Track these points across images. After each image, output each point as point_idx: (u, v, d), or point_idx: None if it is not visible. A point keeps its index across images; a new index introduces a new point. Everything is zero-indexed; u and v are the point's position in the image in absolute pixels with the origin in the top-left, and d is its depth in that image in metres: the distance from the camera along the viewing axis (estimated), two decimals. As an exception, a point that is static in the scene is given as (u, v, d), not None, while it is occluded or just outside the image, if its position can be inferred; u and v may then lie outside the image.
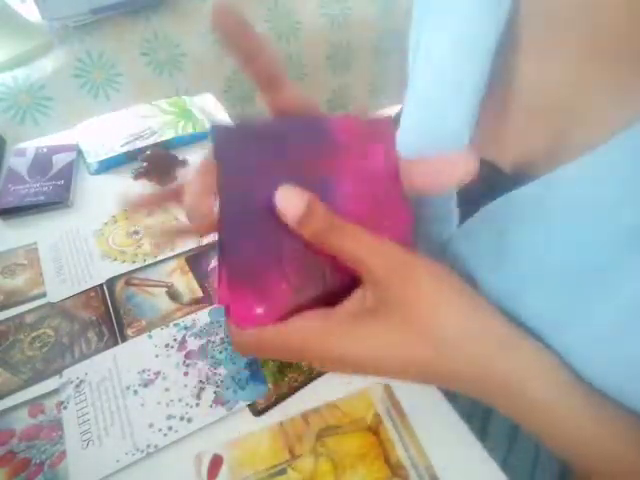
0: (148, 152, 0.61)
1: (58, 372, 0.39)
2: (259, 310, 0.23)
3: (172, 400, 0.37)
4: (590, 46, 0.25)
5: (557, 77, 0.27)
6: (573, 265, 0.25)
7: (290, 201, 0.21)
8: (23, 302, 0.45)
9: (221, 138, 0.22)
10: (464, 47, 0.31)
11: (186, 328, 0.42)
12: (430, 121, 0.35)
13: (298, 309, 0.24)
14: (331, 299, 0.24)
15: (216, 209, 0.22)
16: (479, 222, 0.29)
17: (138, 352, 0.40)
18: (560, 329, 0.26)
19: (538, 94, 0.28)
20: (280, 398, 0.37)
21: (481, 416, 0.38)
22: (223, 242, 0.22)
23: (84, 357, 0.40)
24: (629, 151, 0.22)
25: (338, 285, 0.24)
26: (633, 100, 0.23)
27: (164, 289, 0.46)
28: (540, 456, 0.36)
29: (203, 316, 0.43)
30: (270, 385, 0.38)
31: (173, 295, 0.46)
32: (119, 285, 0.47)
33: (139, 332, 0.42)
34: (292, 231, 0.22)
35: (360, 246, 0.22)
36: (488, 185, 0.29)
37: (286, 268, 0.23)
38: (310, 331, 0.23)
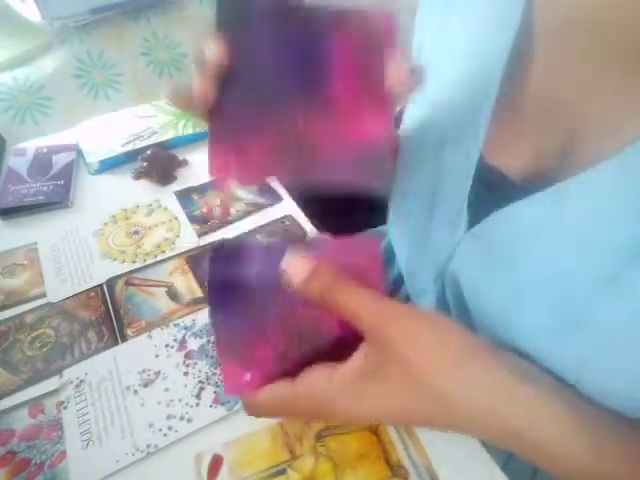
0: (148, 152, 0.61)
1: (58, 372, 0.39)
2: (247, 377, 0.25)
3: (172, 400, 0.37)
4: (603, 56, 0.24)
5: (570, 86, 0.26)
6: (581, 273, 0.25)
7: (296, 265, 0.24)
8: (23, 302, 0.45)
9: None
10: (474, 55, 0.31)
11: (186, 328, 0.42)
12: (441, 129, 0.34)
13: (288, 371, 0.25)
14: (330, 354, 0.26)
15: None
16: (487, 229, 0.29)
17: (138, 352, 0.40)
18: (563, 336, 0.26)
19: (550, 102, 0.28)
20: (280, 398, 0.37)
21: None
22: (213, 322, 0.25)
23: (84, 357, 0.40)
24: (636, 163, 0.22)
25: (328, 344, 0.26)
26: None
27: (164, 289, 0.46)
28: None
29: (203, 316, 0.43)
30: (270, 385, 0.38)
31: (173, 295, 0.46)
32: (119, 285, 0.47)
33: (139, 332, 0.42)
34: (274, 302, 0.25)
35: (361, 305, 0.23)
36: (498, 193, 0.29)
37: (269, 336, 0.25)
38: (317, 396, 0.24)
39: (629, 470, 0.24)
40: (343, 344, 0.25)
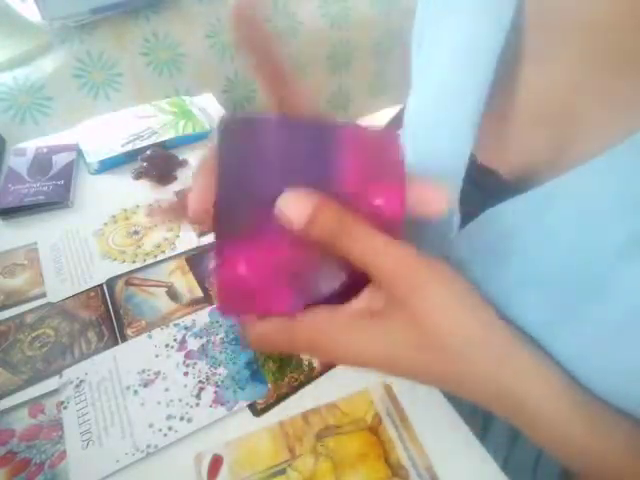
0: (148, 152, 0.61)
1: (58, 372, 0.39)
2: (242, 268, 0.22)
3: (172, 400, 0.37)
4: (592, 56, 0.25)
5: (559, 85, 0.27)
6: (570, 272, 0.25)
7: (294, 207, 0.21)
8: (23, 302, 0.45)
9: (227, 130, 0.21)
10: (467, 54, 0.31)
11: (186, 328, 0.42)
12: (433, 127, 0.35)
13: (288, 281, 0.23)
14: (336, 297, 0.24)
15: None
16: (479, 227, 0.29)
17: (138, 352, 0.40)
18: (556, 334, 0.26)
19: (540, 102, 0.28)
20: (280, 398, 0.37)
21: (483, 415, 0.38)
22: (217, 203, 0.22)
23: (84, 357, 0.40)
24: (628, 160, 0.22)
25: (339, 278, 0.24)
26: (634, 110, 0.23)
27: (164, 289, 0.46)
28: (542, 456, 0.36)
29: (203, 316, 0.43)
30: (270, 385, 0.38)
31: (173, 295, 0.46)
32: (119, 285, 0.47)
33: (139, 332, 0.42)
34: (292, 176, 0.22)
35: (368, 249, 0.22)
36: (489, 191, 0.30)
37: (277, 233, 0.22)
38: (318, 328, 0.23)
39: (631, 463, 0.24)
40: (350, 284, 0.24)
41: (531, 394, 0.23)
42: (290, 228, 0.21)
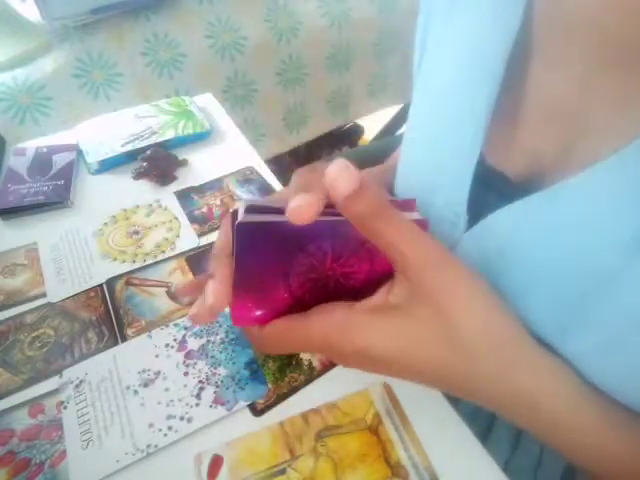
0: (148, 152, 0.60)
1: (58, 372, 0.39)
2: (258, 313, 0.24)
3: (172, 400, 0.37)
4: (601, 57, 0.25)
5: (568, 84, 0.27)
6: (577, 272, 0.25)
7: (343, 176, 0.21)
8: (23, 302, 0.45)
9: (241, 228, 0.22)
10: (475, 55, 0.31)
11: (186, 328, 0.42)
12: (441, 129, 0.34)
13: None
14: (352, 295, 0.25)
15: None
16: (486, 228, 0.29)
17: (138, 352, 0.40)
18: (564, 334, 0.26)
19: (548, 104, 0.28)
20: (280, 398, 0.37)
21: (485, 417, 0.38)
22: (236, 256, 0.23)
23: (84, 357, 0.40)
24: (634, 163, 0.22)
25: (348, 298, 0.25)
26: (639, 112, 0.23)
27: (164, 289, 0.46)
28: (543, 458, 0.36)
29: (203, 316, 0.43)
30: (270, 385, 0.38)
31: (173, 295, 0.46)
32: (119, 285, 0.47)
33: (139, 332, 0.42)
34: (304, 251, 0.23)
35: (401, 236, 0.22)
36: (496, 193, 0.30)
37: (291, 284, 0.24)
38: (332, 324, 0.24)
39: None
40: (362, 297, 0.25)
41: (547, 393, 0.23)
42: (334, 198, 0.21)
